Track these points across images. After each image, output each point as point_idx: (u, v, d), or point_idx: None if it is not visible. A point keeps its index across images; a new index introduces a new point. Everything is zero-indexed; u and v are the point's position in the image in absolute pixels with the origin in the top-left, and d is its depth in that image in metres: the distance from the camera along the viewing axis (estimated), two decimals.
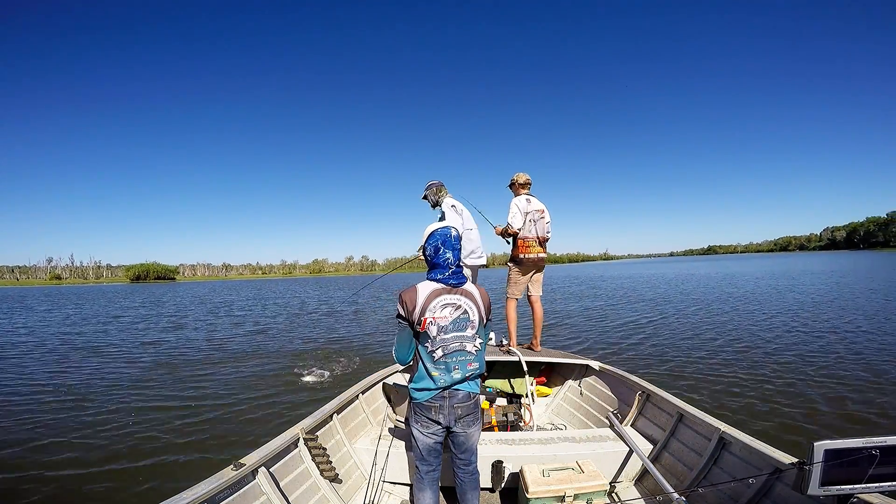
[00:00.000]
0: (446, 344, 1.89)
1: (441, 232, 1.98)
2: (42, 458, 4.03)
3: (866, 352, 6.87)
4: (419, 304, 1.88)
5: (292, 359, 8.26)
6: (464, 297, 1.94)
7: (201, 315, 17.91)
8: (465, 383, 1.95)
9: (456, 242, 1.98)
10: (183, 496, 1.64)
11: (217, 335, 11.84)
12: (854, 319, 9.79)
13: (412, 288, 1.93)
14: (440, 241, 1.96)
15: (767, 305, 13.06)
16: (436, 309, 1.88)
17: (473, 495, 2.11)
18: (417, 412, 1.97)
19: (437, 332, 1.88)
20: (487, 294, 2.06)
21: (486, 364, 3.99)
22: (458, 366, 1.90)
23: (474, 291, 1.99)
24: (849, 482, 1.42)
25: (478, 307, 1.96)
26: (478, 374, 2.00)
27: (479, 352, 1.99)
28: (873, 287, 17.13)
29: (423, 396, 1.92)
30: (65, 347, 10.34)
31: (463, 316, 1.92)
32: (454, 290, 1.93)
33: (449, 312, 1.90)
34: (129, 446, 4.30)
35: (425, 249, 2.02)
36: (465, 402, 1.94)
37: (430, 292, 1.90)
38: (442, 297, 1.90)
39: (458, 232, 2.03)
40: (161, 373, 7.40)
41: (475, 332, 1.95)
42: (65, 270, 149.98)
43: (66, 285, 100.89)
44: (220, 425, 4.86)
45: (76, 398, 5.95)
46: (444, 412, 1.92)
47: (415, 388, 1.96)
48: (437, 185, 3.96)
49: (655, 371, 6.33)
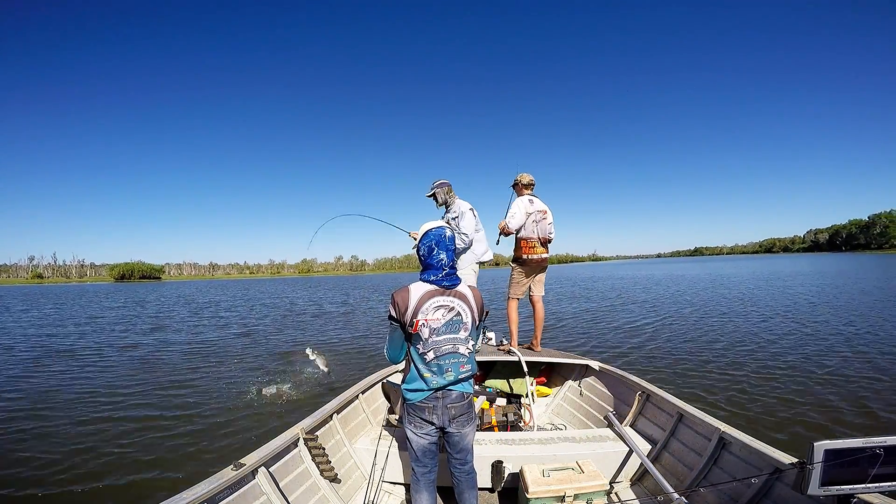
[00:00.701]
0: (438, 346, 1.87)
1: (435, 232, 1.95)
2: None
3: (868, 351, 6.99)
4: (411, 305, 1.85)
5: (278, 362, 8.14)
6: (457, 299, 1.91)
7: (185, 316, 17.41)
8: (459, 384, 1.93)
9: (450, 243, 1.96)
10: (183, 496, 1.62)
11: (200, 337, 11.44)
12: (852, 320, 9.92)
13: (404, 289, 1.90)
14: (434, 241, 1.93)
15: (762, 306, 13.24)
16: (428, 311, 1.86)
17: (471, 495, 2.10)
18: (411, 413, 1.96)
19: (430, 335, 1.86)
20: (481, 295, 2.05)
21: (486, 364, 4.02)
22: (450, 368, 1.89)
23: (468, 293, 1.96)
24: (849, 482, 1.43)
25: (471, 309, 1.94)
26: (470, 376, 1.98)
27: (471, 354, 1.97)
28: (864, 288, 17.43)
29: (416, 397, 1.91)
30: (36, 350, 9.74)
31: (456, 318, 1.89)
32: (447, 291, 1.90)
33: (442, 314, 1.87)
34: (98, 463, 3.90)
35: (419, 249, 1.98)
36: (459, 402, 1.94)
37: (423, 294, 1.87)
38: (434, 298, 1.87)
39: (452, 233, 2.02)
40: (135, 379, 6.86)
41: (468, 335, 1.93)
42: (47, 269, 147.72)
43: (48, 284, 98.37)
44: (196, 437, 4.49)
45: (37, 406, 5.57)
46: (438, 412, 1.91)
47: (407, 389, 1.95)
48: (448, 185, 4.00)
49: (655, 371, 6.37)
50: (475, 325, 1.98)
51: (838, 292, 16.41)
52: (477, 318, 1.98)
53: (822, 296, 15.45)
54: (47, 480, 3.65)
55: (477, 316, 1.98)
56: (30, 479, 3.69)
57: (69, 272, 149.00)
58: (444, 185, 3.99)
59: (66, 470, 3.82)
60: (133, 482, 3.61)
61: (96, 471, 3.81)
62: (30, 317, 18.43)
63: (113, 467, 3.86)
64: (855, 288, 17.81)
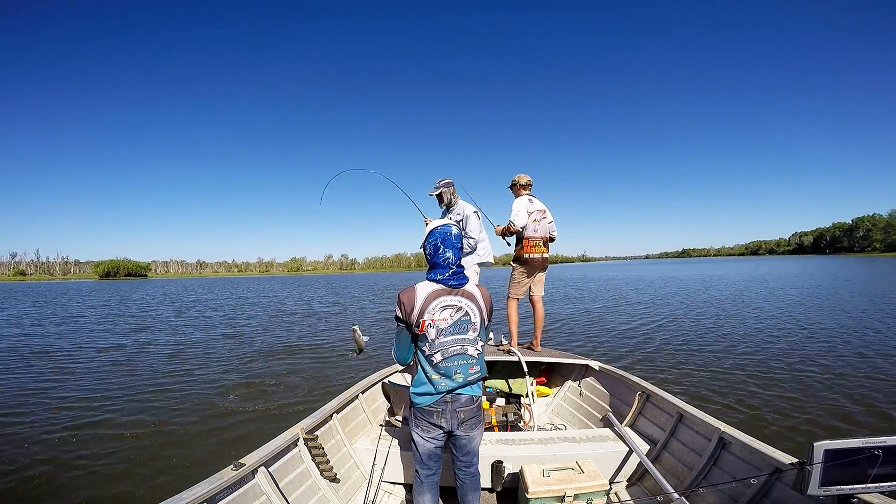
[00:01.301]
0: (445, 347, 1.83)
1: (441, 230, 1.91)
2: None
3: (866, 352, 7.10)
4: (417, 305, 1.81)
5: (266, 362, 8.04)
6: (465, 299, 1.87)
7: (169, 315, 16.84)
8: (468, 387, 1.89)
9: (457, 241, 1.92)
10: (182, 496, 1.61)
11: (185, 338, 11.02)
12: (846, 322, 10.05)
13: (411, 288, 1.86)
14: (440, 239, 1.89)
15: (756, 307, 13.40)
16: (435, 311, 1.82)
17: (474, 496, 2.07)
18: (418, 416, 1.91)
19: (436, 335, 1.82)
20: (489, 294, 2.01)
21: (486, 365, 4.00)
22: (459, 370, 1.84)
23: (476, 292, 1.92)
24: (849, 482, 1.43)
25: (479, 309, 1.90)
26: (479, 378, 1.94)
27: (480, 355, 1.93)
28: (854, 289, 17.76)
29: (425, 401, 1.86)
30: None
31: (464, 318, 1.85)
32: (454, 290, 1.86)
33: (449, 314, 1.83)
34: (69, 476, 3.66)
35: (425, 248, 1.95)
36: (468, 405, 1.89)
37: (430, 293, 1.83)
38: (441, 298, 1.84)
39: (458, 230, 1.98)
40: (114, 383, 6.54)
41: (476, 335, 1.89)
42: (30, 266, 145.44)
43: (31, 282, 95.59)
44: (188, 440, 4.36)
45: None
46: (447, 417, 1.86)
47: (415, 393, 1.89)
48: (453, 184, 3.97)
49: (655, 371, 6.40)
50: (484, 326, 1.94)
51: (829, 293, 16.66)
52: (486, 318, 1.95)
53: (814, 297, 15.70)
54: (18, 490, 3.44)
55: (486, 316, 1.95)
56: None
57: (53, 269, 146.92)
58: (450, 184, 3.95)
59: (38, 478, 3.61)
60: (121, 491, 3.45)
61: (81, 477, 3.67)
62: (6, 315, 17.90)
63: (102, 474, 3.72)
64: (845, 289, 18.13)
